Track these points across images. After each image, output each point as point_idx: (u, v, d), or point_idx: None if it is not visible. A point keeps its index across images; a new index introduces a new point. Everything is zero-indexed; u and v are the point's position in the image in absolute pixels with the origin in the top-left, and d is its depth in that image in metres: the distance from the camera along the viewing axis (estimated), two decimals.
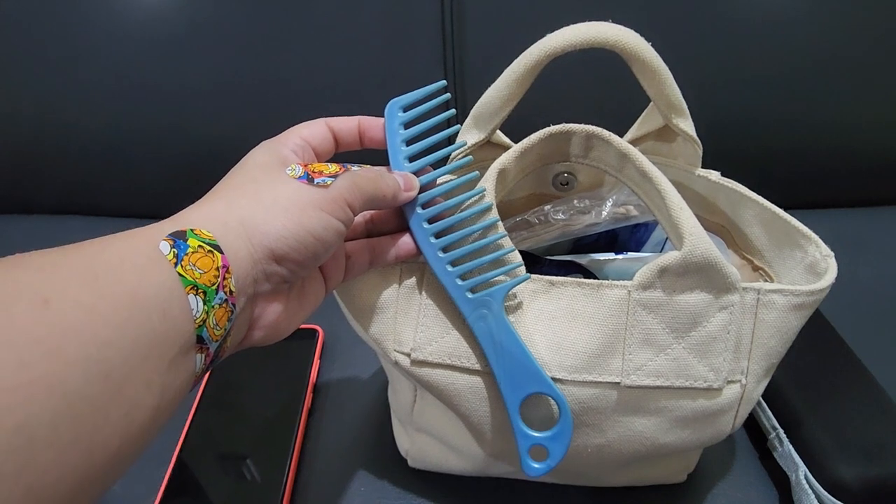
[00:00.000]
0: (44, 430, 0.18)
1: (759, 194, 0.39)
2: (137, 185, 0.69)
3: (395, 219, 0.34)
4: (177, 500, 0.41)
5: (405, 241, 0.33)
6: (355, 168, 0.30)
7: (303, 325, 0.52)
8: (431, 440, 0.40)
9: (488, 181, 0.33)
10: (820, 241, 0.35)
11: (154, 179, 0.68)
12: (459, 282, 0.32)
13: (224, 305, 0.24)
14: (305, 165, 0.29)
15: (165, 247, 0.23)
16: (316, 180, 0.28)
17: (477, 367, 0.33)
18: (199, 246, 0.24)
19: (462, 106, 0.64)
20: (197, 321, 0.23)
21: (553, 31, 0.33)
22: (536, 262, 0.42)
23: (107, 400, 0.20)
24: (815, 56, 0.64)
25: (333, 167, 0.29)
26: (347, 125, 0.32)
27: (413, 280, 0.34)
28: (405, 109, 0.32)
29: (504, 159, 0.34)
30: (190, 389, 0.24)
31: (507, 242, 0.33)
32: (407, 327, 0.34)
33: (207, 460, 0.43)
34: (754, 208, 0.39)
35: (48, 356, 0.18)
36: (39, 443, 0.18)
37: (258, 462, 0.42)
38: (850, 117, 0.67)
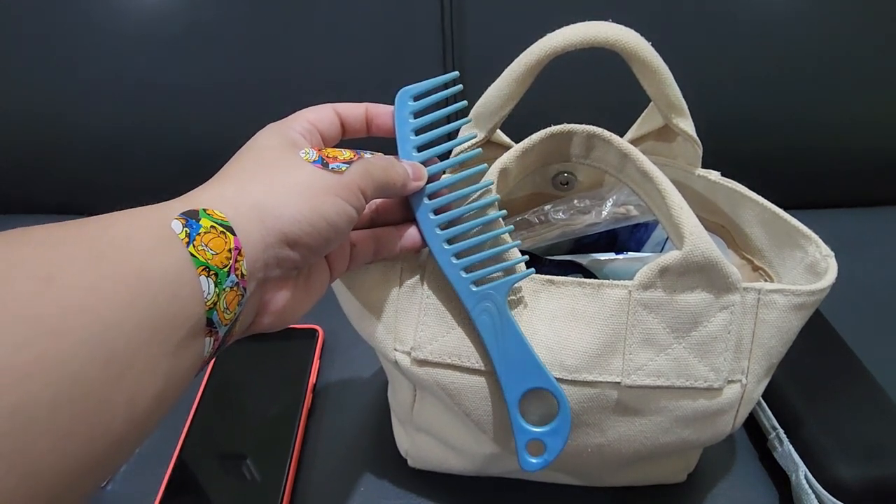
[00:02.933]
0: (42, 412, 0.17)
1: (759, 194, 0.39)
2: (137, 185, 0.69)
3: (400, 209, 0.33)
4: (177, 500, 0.41)
5: (411, 231, 0.32)
6: (368, 155, 0.30)
7: (302, 326, 0.52)
8: (431, 440, 0.40)
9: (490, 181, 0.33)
10: (820, 241, 0.35)
11: (154, 179, 0.68)
12: (464, 274, 0.32)
13: (235, 288, 0.24)
14: (319, 150, 0.28)
15: (178, 226, 0.22)
16: (331, 165, 0.28)
17: (477, 366, 0.33)
18: (212, 226, 0.23)
19: None
20: (208, 303, 0.22)
21: (553, 30, 0.33)
22: (537, 262, 0.42)
23: (109, 383, 0.19)
24: (815, 56, 0.64)
25: (347, 153, 0.29)
26: (355, 112, 0.32)
27: (414, 279, 0.34)
28: (416, 99, 0.32)
29: (505, 159, 0.34)
30: (195, 374, 0.24)
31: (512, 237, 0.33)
32: (407, 326, 0.34)
33: (207, 460, 0.43)
34: (754, 208, 0.39)
35: (49, 335, 0.18)
36: (37, 426, 0.17)
37: (258, 462, 0.42)
38: (850, 117, 0.67)
